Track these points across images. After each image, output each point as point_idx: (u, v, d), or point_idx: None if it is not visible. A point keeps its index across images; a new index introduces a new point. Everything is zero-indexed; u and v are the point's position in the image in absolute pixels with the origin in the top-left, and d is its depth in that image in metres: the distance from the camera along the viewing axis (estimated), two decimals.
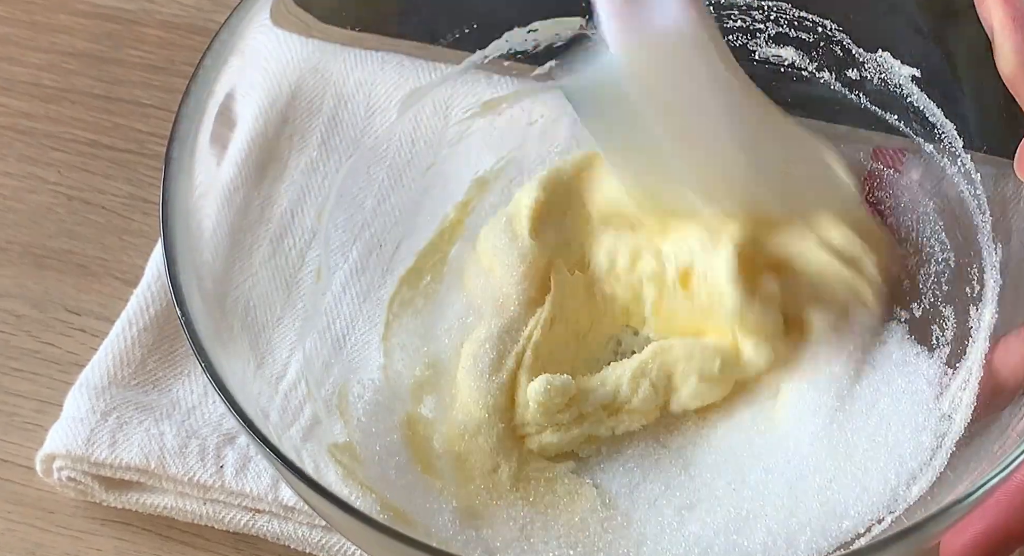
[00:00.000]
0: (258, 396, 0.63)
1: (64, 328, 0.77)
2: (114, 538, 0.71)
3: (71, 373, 0.74)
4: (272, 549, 0.70)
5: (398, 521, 0.64)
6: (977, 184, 0.71)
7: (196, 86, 0.65)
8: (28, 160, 0.84)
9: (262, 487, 0.69)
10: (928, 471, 0.65)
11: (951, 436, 0.65)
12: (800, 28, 0.75)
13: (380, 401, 0.69)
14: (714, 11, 0.75)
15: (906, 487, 0.65)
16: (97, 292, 0.78)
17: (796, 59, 0.75)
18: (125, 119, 0.85)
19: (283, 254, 0.71)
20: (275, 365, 0.69)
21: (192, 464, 0.69)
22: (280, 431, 0.64)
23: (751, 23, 0.75)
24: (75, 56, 0.88)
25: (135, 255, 0.79)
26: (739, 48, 0.76)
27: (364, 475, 0.66)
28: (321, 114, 0.76)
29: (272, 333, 0.69)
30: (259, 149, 0.73)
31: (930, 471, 0.65)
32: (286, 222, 0.72)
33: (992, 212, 0.70)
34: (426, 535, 0.64)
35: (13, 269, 0.79)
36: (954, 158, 0.72)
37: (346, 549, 0.69)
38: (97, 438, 0.70)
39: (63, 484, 0.71)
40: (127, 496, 0.71)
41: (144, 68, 0.87)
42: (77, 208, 0.81)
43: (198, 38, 0.87)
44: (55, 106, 0.86)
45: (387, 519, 0.63)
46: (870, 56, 0.74)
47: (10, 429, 0.74)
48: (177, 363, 0.73)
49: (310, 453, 0.65)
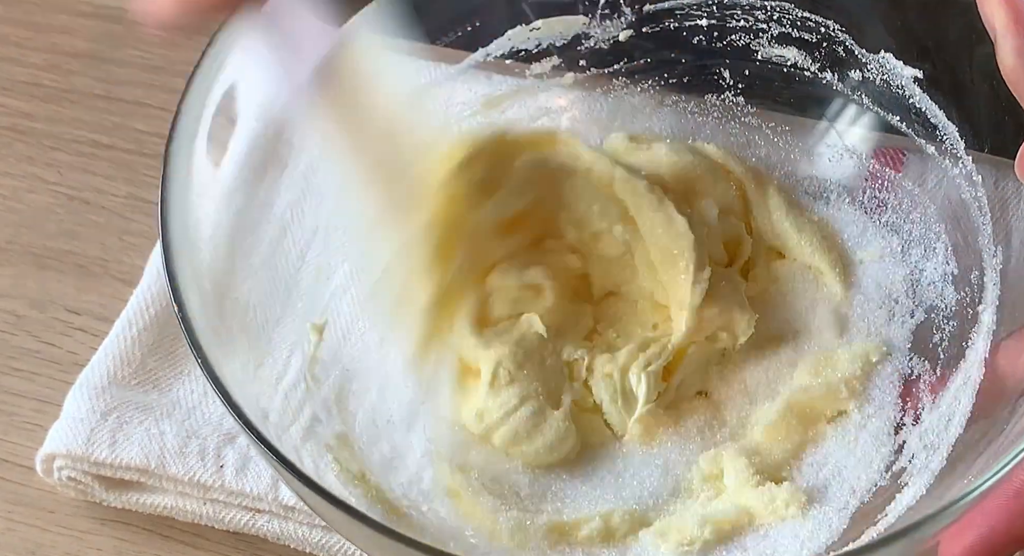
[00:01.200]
0: (257, 396, 0.63)
1: (64, 328, 0.78)
2: (114, 538, 0.71)
3: (71, 373, 0.74)
4: (272, 549, 0.70)
5: (396, 517, 0.65)
6: (979, 186, 0.71)
7: (195, 86, 0.65)
8: (28, 160, 0.84)
9: (262, 487, 0.69)
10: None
11: (947, 440, 0.66)
12: (803, 29, 0.75)
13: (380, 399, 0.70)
14: (717, 11, 0.76)
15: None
16: (97, 292, 0.79)
17: (799, 60, 0.76)
18: (125, 119, 0.86)
19: (282, 254, 0.71)
20: (275, 365, 0.69)
21: (192, 464, 0.70)
22: (280, 431, 0.64)
23: (754, 23, 0.76)
24: (75, 56, 0.88)
25: (135, 255, 0.79)
26: (742, 48, 0.76)
27: (361, 471, 0.66)
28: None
29: (272, 333, 0.69)
30: (259, 149, 0.73)
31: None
32: (286, 222, 0.72)
33: (992, 212, 0.70)
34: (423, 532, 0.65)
35: (13, 269, 0.80)
36: (956, 160, 0.72)
37: (346, 549, 0.70)
38: (97, 438, 0.70)
39: (63, 484, 0.71)
40: (127, 496, 0.71)
41: (144, 68, 0.87)
42: (77, 208, 0.82)
43: (198, 38, 0.84)
44: (55, 106, 0.86)
45: (384, 516, 0.64)
46: (872, 57, 0.74)
47: (10, 429, 0.75)
48: (177, 363, 0.74)
49: (310, 453, 0.65)
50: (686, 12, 0.76)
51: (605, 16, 0.76)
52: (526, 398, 0.69)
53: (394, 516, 0.65)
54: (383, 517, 0.64)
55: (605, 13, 0.76)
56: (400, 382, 0.71)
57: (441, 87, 0.76)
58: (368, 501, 0.64)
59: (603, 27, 0.77)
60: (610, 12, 0.76)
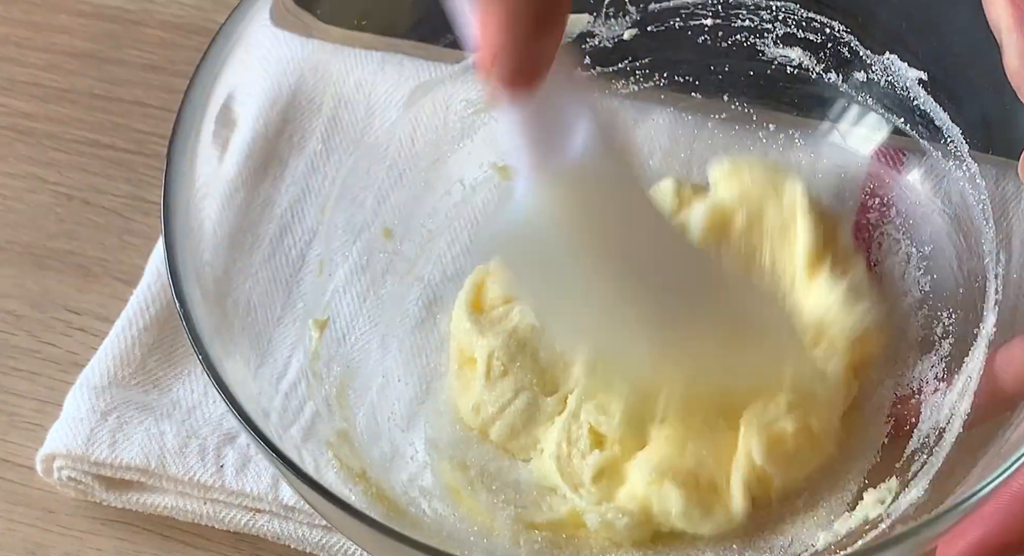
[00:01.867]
0: (259, 395, 0.64)
1: (64, 328, 0.78)
2: (114, 538, 0.72)
3: (71, 373, 0.74)
4: (272, 549, 0.70)
5: (397, 515, 0.65)
6: (982, 189, 0.71)
7: (196, 86, 0.66)
8: (28, 160, 0.84)
9: (262, 487, 0.69)
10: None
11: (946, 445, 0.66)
12: (808, 29, 0.75)
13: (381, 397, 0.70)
14: (723, 10, 0.76)
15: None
16: (97, 292, 0.79)
17: (803, 60, 0.76)
18: (125, 119, 0.85)
19: (283, 254, 0.71)
20: (275, 364, 0.69)
21: (192, 464, 0.70)
22: (281, 431, 0.65)
23: (759, 23, 0.76)
24: (75, 56, 0.88)
25: (135, 255, 0.79)
26: (747, 48, 0.77)
27: (361, 468, 0.66)
28: (321, 114, 0.77)
29: (273, 332, 0.70)
30: (259, 149, 0.74)
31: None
32: (286, 222, 0.72)
33: (993, 212, 0.70)
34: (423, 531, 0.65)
35: (13, 269, 0.80)
36: (960, 162, 0.72)
37: (346, 549, 0.70)
38: (97, 438, 0.71)
39: (63, 484, 0.71)
40: (127, 496, 0.71)
41: (144, 68, 0.87)
42: (77, 208, 0.82)
43: (198, 38, 0.87)
44: (55, 106, 0.86)
45: (385, 514, 0.64)
46: (877, 58, 0.74)
47: (10, 429, 0.75)
48: (177, 363, 0.74)
49: (311, 452, 0.65)
50: (691, 11, 0.77)
51: (610, 15, 0.77)
52: (520, 390, 0.70)
53: (395, 514, 0.65)
54: (384, 515, 0.64)
55: (610, 12, 0.77)
56: (401, 379, 0.71)
57: (443, 86, 0.76)
58: (369, 499, 0.65)
59: (608, 26, 0.77)
60: (615, 11, 0.77)
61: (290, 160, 0.75)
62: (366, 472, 0.66)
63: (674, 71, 0.78)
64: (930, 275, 0.73)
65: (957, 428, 0.66)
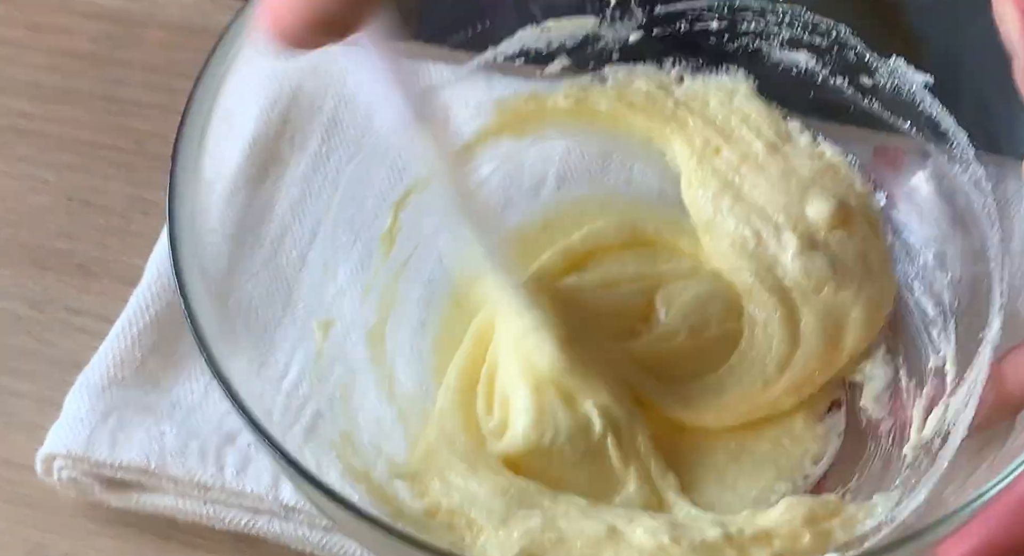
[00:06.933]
0: (261, 395, 0.64)
1: (64, 328, 0.78)
2: (114, 538, 0.72)
3: (71, 373, 0.74)
4: (272, 549, 0.71)
5: (399, 516, 0.66)
6: (987, 193, 0.72)
7: (199, 88, 0.66)
8: (28, 160, 0.85)
9: (262, 487, 0.70)
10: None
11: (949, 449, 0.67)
12: (814, 33, 0.76)
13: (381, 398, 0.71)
14: (728, 14, 0.77)
15: None
16: (97, 292, 0.80)
17: (809, 64, 0.77)
18: (125, 119, 0.86)
19: (284, 254, 0.72)
20: (277, 365, 0.70)
21: (192, 464, 0.71)
22: (283, 430, 0.64)
23: (765, 26, 0.77)
24: (76, 57, 0.89)
25: (135, 255, 0.80)
26: (753, 52, 0.77)
27: (364, 469, 0.67)
28: (322, 114, 0.78)
29: (274, 333, 0.70)
30: (260, 149, 0.75)
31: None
32: (287, 222, 0.73)
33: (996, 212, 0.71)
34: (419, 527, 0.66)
35: (13, 269, 0.81)
36: (965, 166, 0.73)
37: (347, 549, 0.71)
38: (97, 438, 0.71)
39: (63, 484, 0.72)
40: (127, 496, 0.72)
41: (145, 69, 0.88)
42: (77, 208, 0.83)
43: (199, 39, 0.85)
44: (55, 106, 0.87)
45: (387, 515, 0.65)
46: (883, 62, 0.75)
47: (10, 429, 0.75)
48: (177, 363, 0.75)
49: (313, 452, 0.66)
50: (697, 15, 0.78)
51: (615, 18, 0.78)
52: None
53: (397, 514, 0.66)
54: (386, 515, 0.65)
55: (616, 15, 0.78)
56: (403, 380, 0.72)
57: (444, 88, 0.76)
58: (371, 499, 0.66)
59: (614, 29, 0.78)
60: (621, 14, 0.78)
61: (291, 160, 0.76)
62: (369, 473, 0.67)
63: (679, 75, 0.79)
64: (932, 279, 0.74)
65: (961, 432, 0.66)
